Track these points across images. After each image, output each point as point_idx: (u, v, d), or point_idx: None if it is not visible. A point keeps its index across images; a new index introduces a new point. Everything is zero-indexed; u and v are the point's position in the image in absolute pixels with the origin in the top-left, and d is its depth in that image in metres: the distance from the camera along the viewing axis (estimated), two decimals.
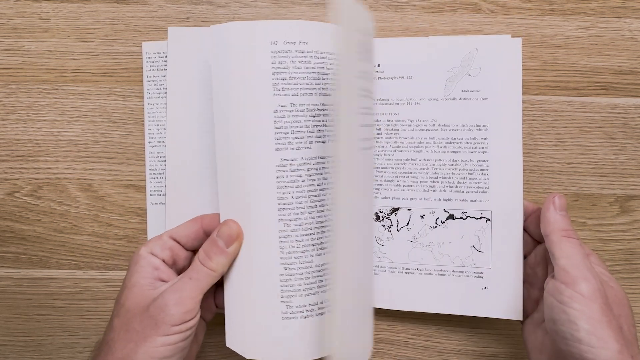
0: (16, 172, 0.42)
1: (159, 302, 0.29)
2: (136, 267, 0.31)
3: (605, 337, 0.27)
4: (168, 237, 0.33)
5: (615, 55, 0.41)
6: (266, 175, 0.31)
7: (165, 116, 0.41)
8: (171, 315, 0.28)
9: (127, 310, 0.29)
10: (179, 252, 0.33)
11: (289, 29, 0.31)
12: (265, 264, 0.32)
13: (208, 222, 0.33)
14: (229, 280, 0.33)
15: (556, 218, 0.32)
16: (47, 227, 0.42)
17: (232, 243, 0.31)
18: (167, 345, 0.28)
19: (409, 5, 0.41)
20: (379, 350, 0.43)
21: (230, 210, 0.32)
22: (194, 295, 0.30)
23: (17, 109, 0.42)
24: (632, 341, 0.29)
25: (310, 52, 0.31)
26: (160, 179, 0.42)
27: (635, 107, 0.41)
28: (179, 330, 0.28)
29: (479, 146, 0.38)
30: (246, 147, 0.32)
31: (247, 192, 0.32)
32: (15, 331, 0.43)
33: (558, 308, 0.29)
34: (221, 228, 0.32)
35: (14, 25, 0.42)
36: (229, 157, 0.32)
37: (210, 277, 0.30)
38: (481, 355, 0.42)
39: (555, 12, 0.41)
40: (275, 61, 0.31)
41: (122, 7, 0.42)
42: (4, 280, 0.43)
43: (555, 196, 0.33)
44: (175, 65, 0.38)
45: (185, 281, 0.30)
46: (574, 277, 0.29)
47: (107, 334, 0.30)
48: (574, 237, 0.31)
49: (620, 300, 0.30)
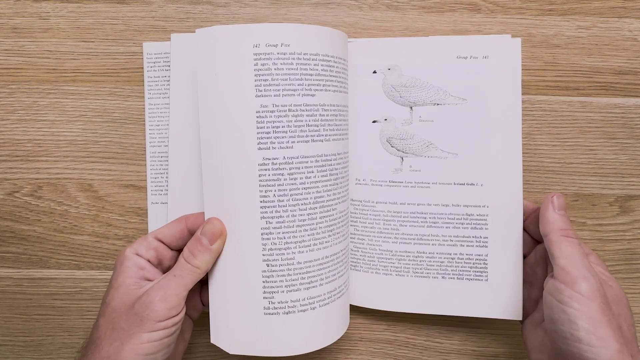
0: (16, 172, 0.42)
1: (144, 299, 0.29)
2: (122, 267, 0.31)
3: (605, 337, 0.27)
4: (153, 237, 0.33)
5: (615, 55, 0.41)
6: (249, 174, 0.32)
7: (166, 116, 0.41)
8: (156, 312, 0.29)
9: (113, 309, 0.30)
10: (164, 252, 0.33)
11: (270, 32, 0.31)
12: (248, 261, 0.33)
13: (192, 221, 0.34)
14: (213, 278, 0.34)
15: (555, 217, 0.32)
16: (47, 227, 0.42)
17: (215, 240, 0.32)
18: (152, 341, 0.28)
19: (409, 5, 0.41)
20: (379, 350, 0.43)
21: (214, 209, 0.33)
22: (179, 291, 0.30)
23: (17, 109, 0.42)
24: (632, 340, 0.29)
25: (292, 53, 0.32)
26: (162, 179, 0.42)
27: (635, 107, 0.41)
28: (164, 327, 0.29)
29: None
30: (230, 146, 0.32)
31: (231, 191, 0.33)
32: (15, 331, 0.43)
33: (558, 308, 0.29)
34: (205, 226, 0.32)
35: (14, 25, 0.42)
36: (213, 157, 0.33)
37: (194, 274, 0.31)
38: (481, 355, 0.42)
39: (555, 12, 0.41)
40: (258, 63, 0.31)
41: (122, 7, 0.42)
42: (4, 280, 0.43)
43: (554, 196, 0.33)
44: (177, 70, 0.39)
45: (170, 278, 0.30)
46: (574, 276, 0.29)
47: (93, 333, 0.30)
48: (572, 236, 0.31)
49: (619, 299, 0.30)
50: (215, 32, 0.32)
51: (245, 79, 0.32)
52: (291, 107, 0.32)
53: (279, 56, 0.32)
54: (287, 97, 0.32)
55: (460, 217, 0.38)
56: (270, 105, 0.32)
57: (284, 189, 0.32)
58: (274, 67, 0.32)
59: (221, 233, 0.32)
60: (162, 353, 0.29)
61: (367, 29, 0.41)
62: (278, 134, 0.32)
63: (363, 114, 0.39)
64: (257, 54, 0.31)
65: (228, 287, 0.33)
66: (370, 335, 0.43)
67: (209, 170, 0.33)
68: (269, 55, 0.31)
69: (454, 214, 0.38)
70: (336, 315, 0.36)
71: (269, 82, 0.32)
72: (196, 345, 0.43)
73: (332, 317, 0.36)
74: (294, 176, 0.33)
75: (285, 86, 0.32)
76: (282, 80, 0.32)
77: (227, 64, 0.32)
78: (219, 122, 0.32)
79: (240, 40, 0.31)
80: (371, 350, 0.43)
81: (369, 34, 0.41)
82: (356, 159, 0.39)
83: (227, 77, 0.32)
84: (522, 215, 0.37)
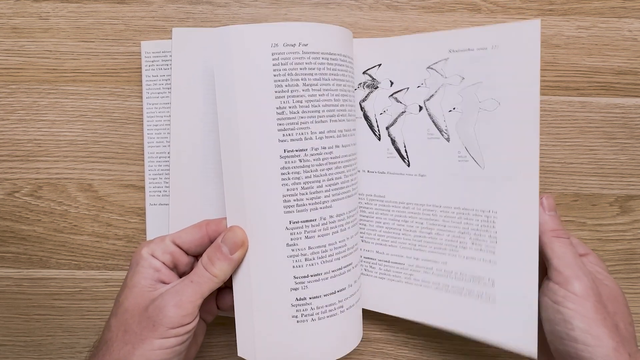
0: (16, 172, 0.42)
1: (157, 303, 0.29)
2: (137, 267, 0.31)
3: (601, 335, 0.27)
4: (170, 241, 0.32)
5: (615, 55, 0.41)
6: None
7: (164, 116, 0.41)
8: (169, 318, 0.28)
9: (126, 309, 0.29)
10: (181, 257, 0.33)
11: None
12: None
13: (214, 227, 0.33)
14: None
15: (545, 219, 0.32)
16: (47, 227, 0.42)
17: (236, 250, 0.31)
18: (163, 348, 0.28)
19: (409, 5, 0.41)
20: (379, 350, 0.43)
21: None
22: (194, 299, 0.29)
23: (17, 109, 0.42)
24: (629, 338, 0.29)
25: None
26: (160, 180, 0.41)
27: (635, 107, 0.41)
28: (177, 334, 0.28)
29: None
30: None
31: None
32: (15, 331, 0.43)
33: (552, 308, 0.29)
34: (227, 234, 0.31)
35: (14, 25, 0.42)
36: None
37: (211, 282, 0.30)
38: (481, 355, 0.42)
39: (555, 12, 0.41)
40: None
41: (122, 7, 0.42)
42: (4, 280, 0.43)
43: (543, 197, 0.33)
44: (179, 66, 0.38)
45: (187, 284, 0.30)
46: (567, 276, 0.29)
47: (104, 334, 0.30)
48: (563, 236, 0.31)
49: (615, 297, 0.30)
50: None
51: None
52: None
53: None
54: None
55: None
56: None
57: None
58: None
59: (243, 243, 0.32)
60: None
61: (367, 29, 0.41)
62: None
63: None
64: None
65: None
66: (370, 335, 0.43)
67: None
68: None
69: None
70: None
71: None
72: (206, 345, 0.43)
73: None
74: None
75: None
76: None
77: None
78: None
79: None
80: (371, 350, 0.43)
81: (369, 34, 0.41)
82: None
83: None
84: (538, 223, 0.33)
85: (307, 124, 0.32)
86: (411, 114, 0.38)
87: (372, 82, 0.39)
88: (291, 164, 0.31)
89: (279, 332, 0.32)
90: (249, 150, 0.32)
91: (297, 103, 0.31)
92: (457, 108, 0.35)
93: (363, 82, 0.39)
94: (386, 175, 0.39)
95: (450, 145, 0.36)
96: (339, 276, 0.33)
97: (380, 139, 0.39)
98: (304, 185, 0.32)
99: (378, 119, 0.39)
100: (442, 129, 0.36)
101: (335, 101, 0.33)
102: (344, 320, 0.34)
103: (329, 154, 0.32)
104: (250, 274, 0.32)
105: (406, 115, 0.38)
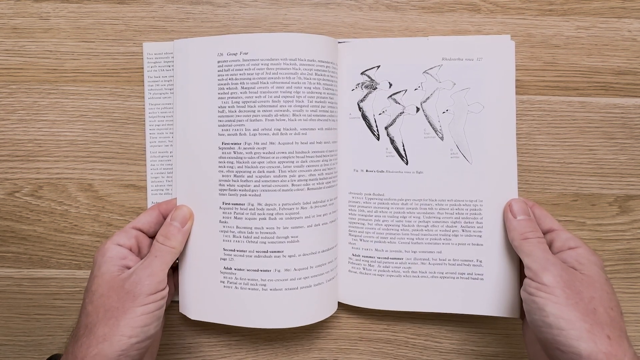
0: (16, 172, 0.42)
1: (133, 278, 0.33)
2: (104, 258, 0.34)
3: (573, 319, 0.29)
4: (131, 227, 0.36)
5: (615, 56, 0.41)
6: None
7: (167, 116, 0.42)
8: (147, 286, 0.32)
9: (101, 294, 0.32)
10: (143, 239, 0.37)
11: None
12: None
13: (165, 207, 0.38)
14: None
15: (514, 225, 0.36)
16: (48, 227, 0.42)
17: (186, 223, 0.37)
18: (146, 313, 0.31)
19: (408, 5, 0.41)
20: (379, 350, 0.43)
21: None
22: (162, 268, 0.34)
23: (17, 109, 0.42)
24: (609, 322, 0.30)
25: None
26: (162, 179, 0.42)
27: (634, 107, 0.41)
28: (155, 299, 0.32)
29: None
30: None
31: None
32: (15, 331, 0.43)
33: (529, 299, 0.32)
34: (175, 212, 0.37)
35: (14, 26, 0.42)
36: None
37: (171, 253, 0.35)
38: (481, 355, 0.42)
39: (555, 12, 0.41)
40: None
41: (122, 7, 0.42)
42: (4, 280, 0.43)
43: (512, 202, 0.37)
44: (181, 75, 0.39)
45: (152, 259, 0.34)
46: (536, 270, 0.32)
47: (82, 321, 0.32)
48: (531, 237, 0.35)
49: (592, 283, 0.31)
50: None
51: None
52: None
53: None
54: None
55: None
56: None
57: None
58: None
59: (190, 216, 0.38)
60: (154, 325, 0.32)
61: (367, 29, 0.42)
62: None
63: None
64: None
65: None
66: (370, 335, 0.43)
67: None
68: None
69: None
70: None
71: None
72: (196, 345, 0.43)
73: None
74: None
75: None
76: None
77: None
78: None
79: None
80: (371, 350, 0.43)
81: (368, 34, 0.41)
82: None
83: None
84: None
85: (242, 122, 0.37)
86: (409, 115, 0.40)
87: (371, 82, 0.39)
88: (227, 154, 0.37)
89: (210, 293, 0.38)
90: (195, 141, 0.38)
91: (235, 103, 0.37)
92: (449, 110, 0.39)
93: (361, 83, 0.40)
94: (385, 174, 0.40)
95: (444, 143, 0.39)
96: (263, 258, 0.37)
97: (379, 139, 0.40)
98: (236, 174, 0.37)
99: (377, 119, 0.40)
100: (437, 128, 0.40)
101: (273, 102, 0.36)
102: (268, 298, 0.37)
103: (261, 149, 0.37)
104: (190, 244, 0.38)
105: (404, 115, 0.40)
